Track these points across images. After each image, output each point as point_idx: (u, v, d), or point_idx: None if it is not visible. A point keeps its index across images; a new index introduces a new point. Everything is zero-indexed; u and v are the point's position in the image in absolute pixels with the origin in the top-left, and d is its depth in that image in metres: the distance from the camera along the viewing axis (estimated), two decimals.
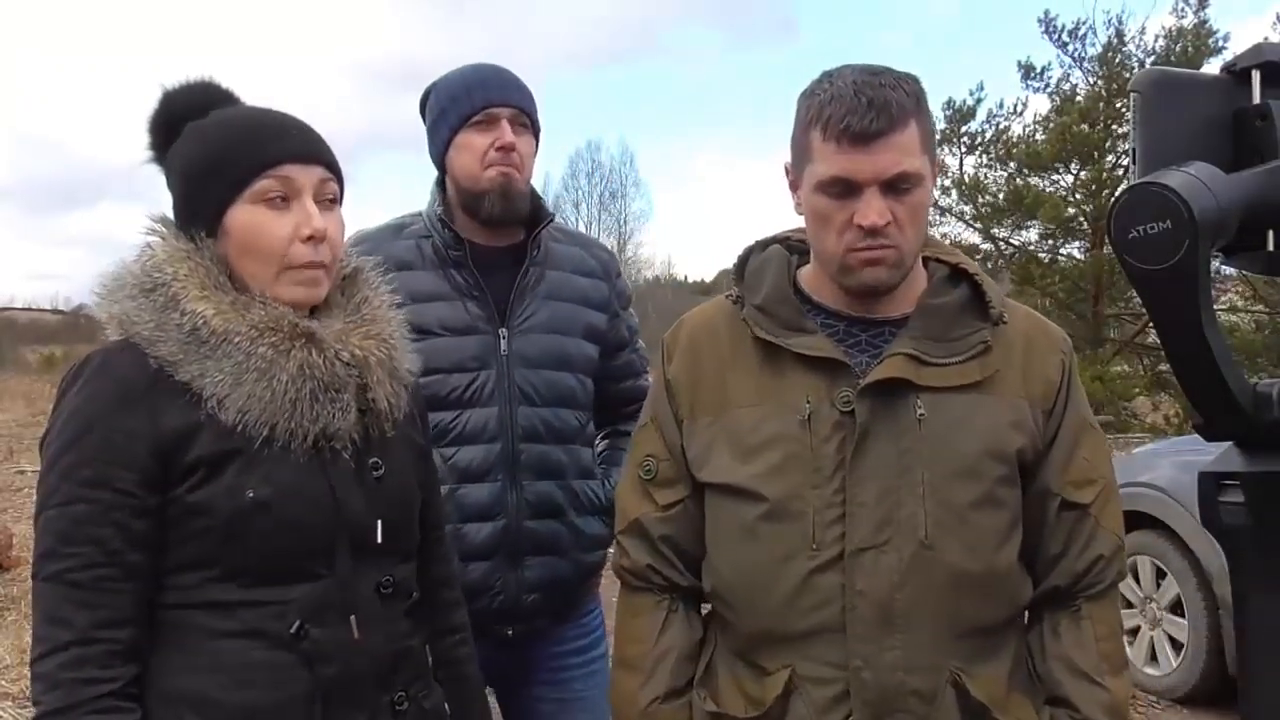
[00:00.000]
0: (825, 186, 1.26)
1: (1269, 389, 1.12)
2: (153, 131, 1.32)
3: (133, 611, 1.16)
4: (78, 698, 1.11)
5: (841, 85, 1.25)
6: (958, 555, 1.26)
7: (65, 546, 1.15)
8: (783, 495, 1.29)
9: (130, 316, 1.21)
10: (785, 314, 1.35)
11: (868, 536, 1.26)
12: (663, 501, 1.41)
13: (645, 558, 1.41)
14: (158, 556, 1.18)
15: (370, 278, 1.39)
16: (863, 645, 1.25)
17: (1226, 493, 1.19)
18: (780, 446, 1.30)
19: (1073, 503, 1.32)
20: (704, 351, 1.41)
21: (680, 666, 1.39)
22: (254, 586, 1.19)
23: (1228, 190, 0.99)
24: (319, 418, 1.22)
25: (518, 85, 1.85)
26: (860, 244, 1.26)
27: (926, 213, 1.31)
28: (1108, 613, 1.35)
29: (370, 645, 1.25)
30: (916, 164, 1.25)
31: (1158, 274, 0.97)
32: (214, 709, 1.17)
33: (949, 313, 1.33)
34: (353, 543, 1.25)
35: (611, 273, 2.01)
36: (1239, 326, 13.16)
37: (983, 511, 1.28)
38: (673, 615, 1.41)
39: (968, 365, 1.30)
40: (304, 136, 1.29)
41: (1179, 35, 14.29)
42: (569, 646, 1.92)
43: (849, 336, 1.35)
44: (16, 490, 9.32)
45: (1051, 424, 1.33)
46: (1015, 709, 1.30)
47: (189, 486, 1.17)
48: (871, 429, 1.27)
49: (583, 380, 1.90)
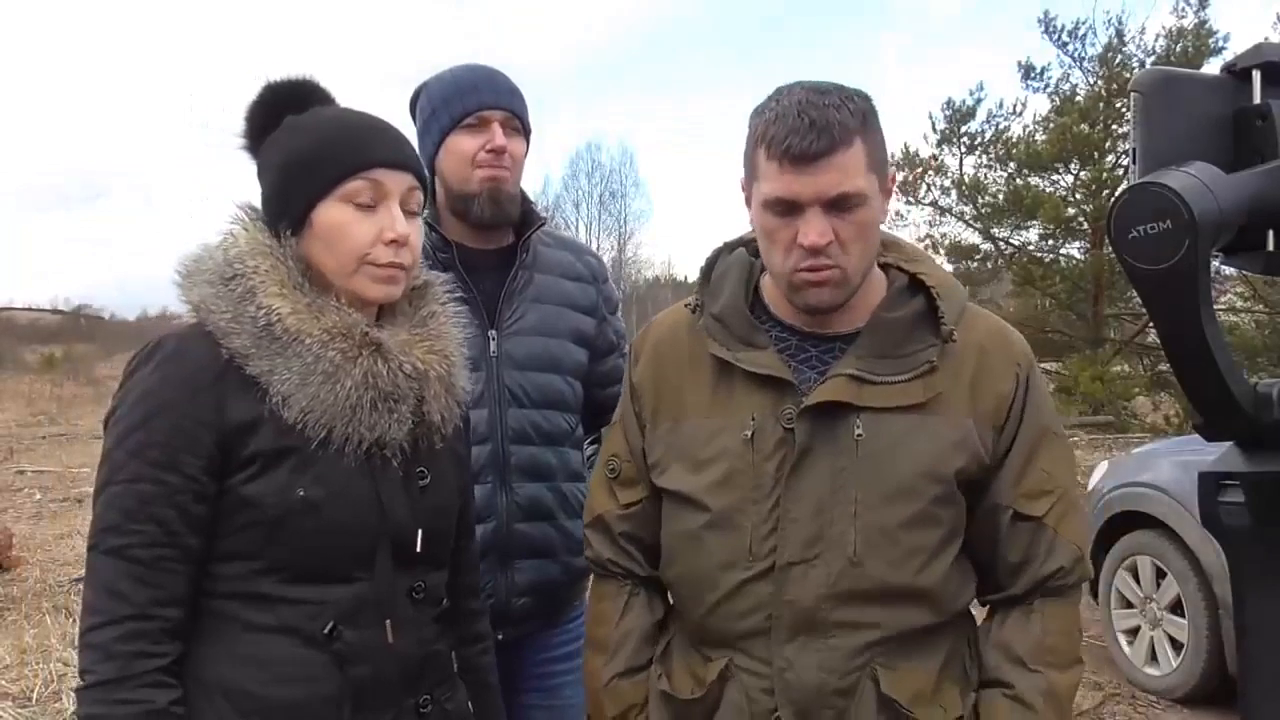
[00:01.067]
0: (770, 205, 1.28)
1: (1269, 389, 1.12)
2: (250, 120, 1.34)
3: (185, 592, 1.20)
4: (131, 670, 1.14)
5: (787, 104, 1.26)
6: (883, 571, 1.30)
7: (129, 523, 1.18)
8: (725, 508, 1.34)
9: (208, 304, 1.24)
10: (739, 327, 1.38)
11: (798, 551, 1.30)
12: (624, 500, 1.48)
13: (606, 551, 1.50)
14: (210, 543, 1.21)
15: (438, 293, 1.42)
16: (786, 649, 1.31)
17: (1226, 493, 1.19)
18: (725, 461, 1.34)
19: (1026, 515, 1.34)
20: (666, 358, 1.45)
21: (639, 647, 1.48)
22: (293, 584, 1.22)
23: (1228, 190, 0.99)
24: (375, 426, 1.25)
25: (509, 88, 1.85)
26: (804, 264, 1.28)
27: (874, 230, 1.32)
28: (1063, 610, 1.36)
29: (401, 649, 1.28)
30: (860, 184, 1.26)
31: (1158, 274, 0.97)
32: (246, 700, 1.20)
33: (900, 328, 1.34)
34: (394, 549, 1.28)
35: (599, 278, 2.00)
36: (1239, 326, 13.16)
37: (914, 530, 1.31)
38: (634, 599, 1.50)
39: (911, 385, 1.31)
40: (397, 144, 1.32)
41: (1179, 35, 14.29)
42: (557, 652, 1.92)
43: (800, 352, 1.37)
44: (16, 490, 9.31)
45: (1004, 439, 1.34)
46: (944, 699, 1.33)
47: (245, 478, 1.20)
48: (810, 448, 1.31)
49: (571, 383, 1.90)
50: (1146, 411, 14.50)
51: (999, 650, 1.35)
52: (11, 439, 13.43)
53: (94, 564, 1.20)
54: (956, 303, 1.36)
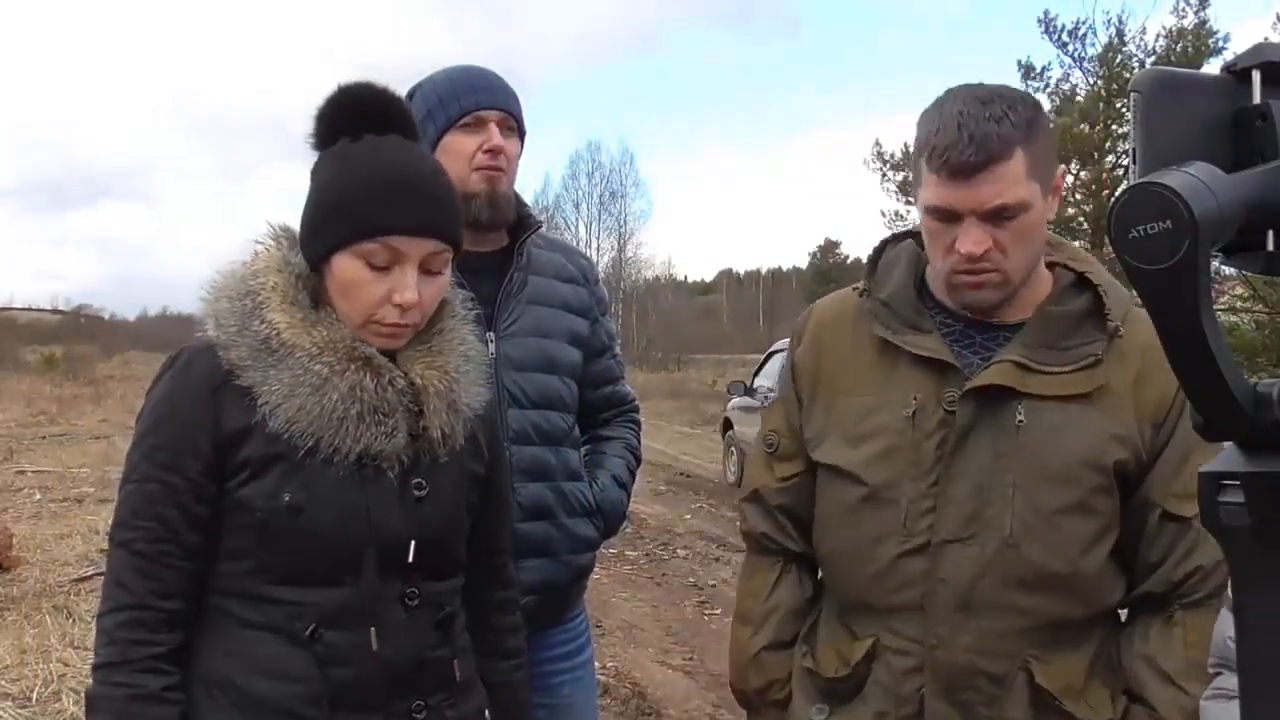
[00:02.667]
0: (930, 212, 1.31)
1: (1269, 389, 1.12)
2: (316, 123, 1.33)
3: (185, 586, 1.27)
4: (128, 656, 1.22)
5: (948, 115, 1.28)
6: (1040, 555, 1.31)
7: (136, 519, 1.26)
8: (882, 483, 1.37)
9: (220, 318, 1.30)
10: (906, 312, 1.40)
11: (955, 529, 1.33)
12: (780, 474, 1.52)
13: (761, 525, 1.54)
14: (212, 541, 1.28)
15: (455, 309, 1.43)
16: (939, 626, 1.33)
17: (1226, 493, 1.19)
18: (885, 437, 1.38)
19: (1175, 515, 1.33)
20: (827, 339, 1.49)
21: (787, 621, 1.52)
22: (279, 585, 1.27)
23: (1228, 190, 0.99)
24: (362, 438, 1.27)
25: (504, 88, 1.85)
26: (962, 268, 1.30)
27: (1036, 232, 1.32)
28: (1203, 621, 1.33)
29: (388, 653, 1.29)
30: (1020, 193, 1.26)
31: (1158, 274, 0.97)
32: (235, 694, 1.26)
33: (1066, 321, 1.35)
34: (382, 556, 1.29)
35: (591, 279, 2.02)
36: (1239, 326, 13.16)
37: (1071, 517, 1.32)
38: (785, 575, 1.54)
39: (1075, 376, 1.33)
40: (425, 208, 1.29)
41: (1179, 35, 14.31)
42: (556, 652, 1.92)
43: (964, 338, 1.39)
44: (16, 490, 9.30)
45: (1161, 437, 1.35)
46: (1092, 698, 1.33)
47: (239, 482, 1.26)
48: (971, 430, 1.33)
49: (568, 383, 1.90)
50: None
51: (1144, 663, 1.35)
52: (11, 439, 13.42)
53: (109, 555, 1.29)
54: (1122, 302, 1.37)
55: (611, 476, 1.96)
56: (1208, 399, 1.06)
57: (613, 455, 2.01)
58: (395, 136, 1.31)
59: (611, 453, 2.01)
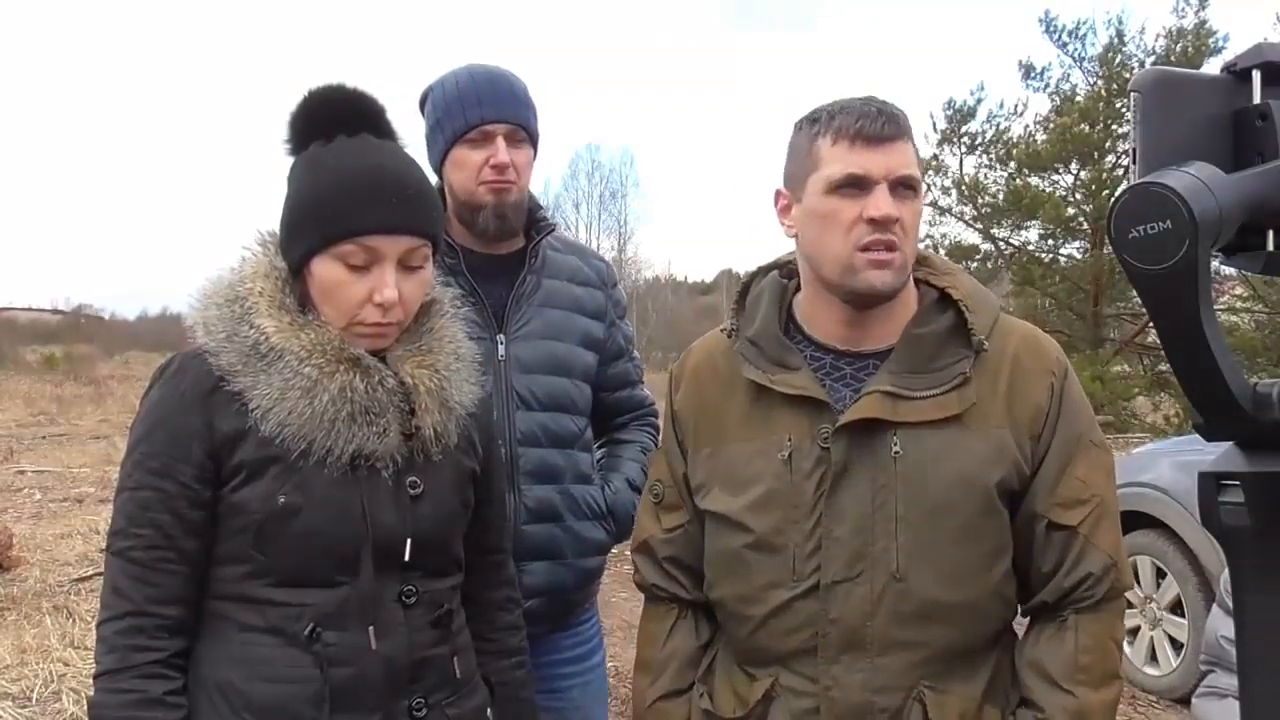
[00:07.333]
0: (836, 186, 1.30)
1: (1269, 389, 1.12)
2: (290, 128, 1.34)
3: (183, 592, 1.27)
4: (129, 662, 1.23)
5: (847, 102, 1.33)
6: (930, 588, 1.30)
7: (132, 527, 1.26)
8: (767, 529, 1.35)
9: (209, 324, 1.30)
10: (773, 349, 1.39)
11: (841, 570, 1.31)
12: (667, 525, 1.50)
13: (651, 575, 1.52)
14: (209, 546, 1.28)
15: (444, 308, 1.43)
16: (833, 667, 1.32)
17: (1226, 493, 1.19)
18: (764, 481, 1.36)
19: (1060, 524, 1.33)
20: (705, 384, 1.47)
21: (683, 669, 1.49)
22: (278, 586, 1.27)
23: (1228, 190, 0.99)
24: (354, 438, 1.27)
25: (513, 97, 1.81)
26: (869, 238, 1.28)
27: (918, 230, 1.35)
28: (1098, 626, 1.33)
29: (386, 652, 1.29)
30: (918, 174, 1.32)
31: (1158, 274, 0.97)
32: (237, 697, 1.26)
33: (932, 342, 1.34)
34: (378, 555, 1.30)
35: (608, 282, 2.00)
36: (1239, 326, 13.16)
37: (959, 545, 1.31)
38: (680, 622, 1.51)
39: (946, 398, 1.32)
40: (400, 206, 1.29)
41: (1179, 35, 14.30)
42: (566, 655, 1.91)
43: (834, 371, 1.38)
44: (16, 490, 9.30)
45: (1040, 448, 1.34)
46: None
47: (234, 486, 1.26)
48: (848, 466, 1.32)
49: (580, 386, 1.89)
50: (1146, 411, 14.50)
51: (1031, 669, 1.34)
52: (11, 439, 13.42)
53: (106, 563, 1.29)
54: (987, 313, 1.36)
55: (625, 480, 1.93)
56: (1208, 399, 1.06)
57: (628, 459, 1.98)
58: (367, 136, 1.31)
59: (627, 456, 1.98)
